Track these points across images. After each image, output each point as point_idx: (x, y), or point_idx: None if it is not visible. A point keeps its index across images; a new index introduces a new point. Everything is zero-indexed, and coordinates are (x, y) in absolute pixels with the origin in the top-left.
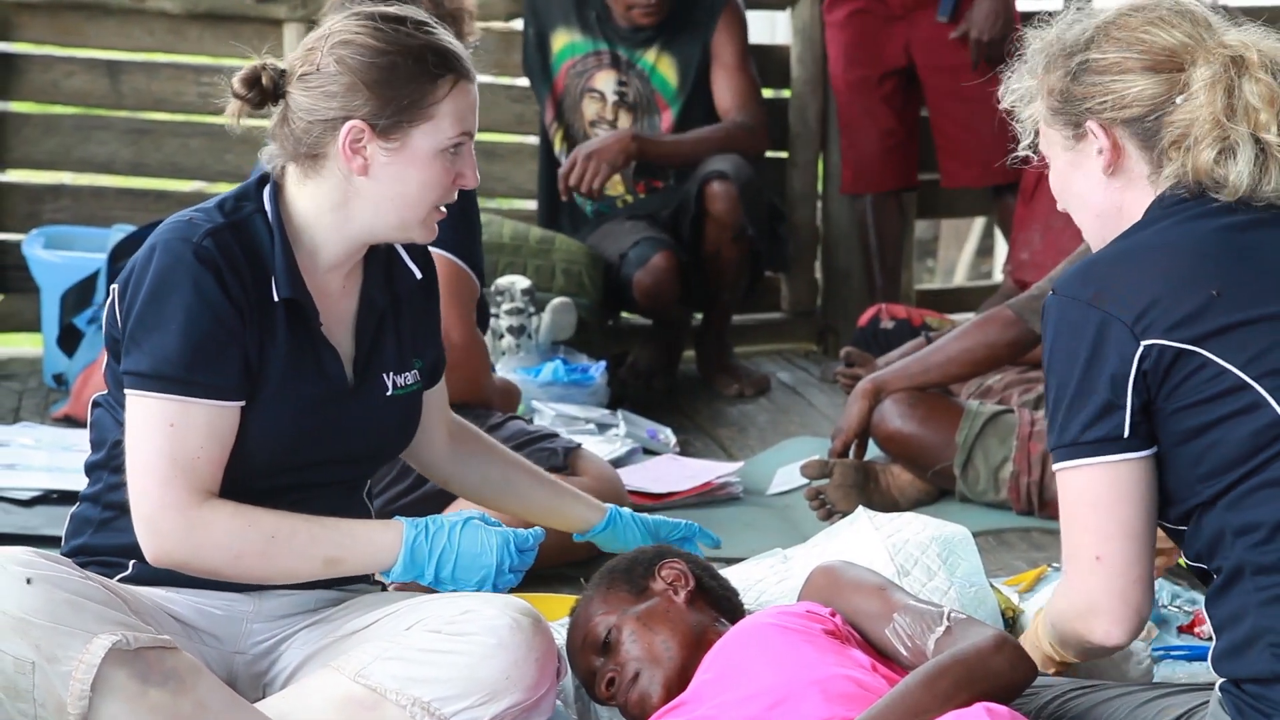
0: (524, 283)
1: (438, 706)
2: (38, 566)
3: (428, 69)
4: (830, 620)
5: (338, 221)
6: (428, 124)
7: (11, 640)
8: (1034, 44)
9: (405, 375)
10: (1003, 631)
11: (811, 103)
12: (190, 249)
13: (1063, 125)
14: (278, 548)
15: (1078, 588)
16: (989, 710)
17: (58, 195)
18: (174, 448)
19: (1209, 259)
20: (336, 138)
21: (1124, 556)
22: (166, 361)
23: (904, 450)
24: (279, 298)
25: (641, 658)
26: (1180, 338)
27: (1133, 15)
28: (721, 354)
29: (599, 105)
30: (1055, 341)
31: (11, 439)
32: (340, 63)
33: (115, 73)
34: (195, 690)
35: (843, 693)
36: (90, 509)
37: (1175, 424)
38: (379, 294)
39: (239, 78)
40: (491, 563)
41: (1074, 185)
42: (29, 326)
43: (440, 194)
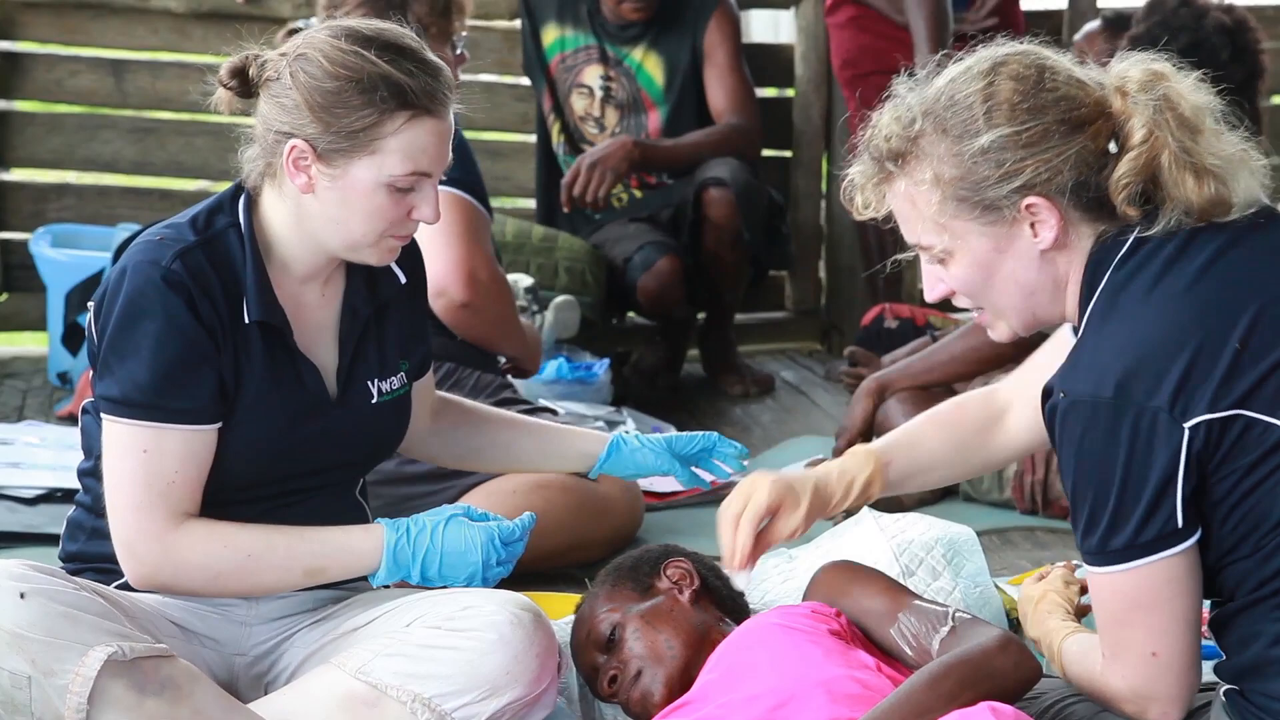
0: (527, 281)
1: (439, 702)
2: (32, 580)
3: (375, 101)
4: (835, 620)
5: (299, 236)
6: (370, 157)
7: (7, 655)
8: (881, 142)
9: (391, 380)
10: (1008, 632)
11: (815, 101)
12: (159, 272)
13: (980, 212)
14: (256, 565)
15: (1129, 679)
16: (994, 710)
17: (62, 194)
18: (148, 473)
19: (1214, 304)
20: (282, 151)
21: (1180, 648)
22: (137, 388)
23: None
24: (249, 320)
25: (644, 656)
26: (1223, 406)
27: (1010, 81)
28: (725, 353)
29: (587, 100)
30: (1083, 450)
31: (16, 437)
32: (294, 77)
33: (120, 72)
34: (192, 697)
35: (847, 693)
36: (84, 516)
37: (1225, 492)
38: (362, 303)
39: (226, 66)
40: (477, 560)
41: (1002, 269)
42: (34, 325)
43: (387, 226)
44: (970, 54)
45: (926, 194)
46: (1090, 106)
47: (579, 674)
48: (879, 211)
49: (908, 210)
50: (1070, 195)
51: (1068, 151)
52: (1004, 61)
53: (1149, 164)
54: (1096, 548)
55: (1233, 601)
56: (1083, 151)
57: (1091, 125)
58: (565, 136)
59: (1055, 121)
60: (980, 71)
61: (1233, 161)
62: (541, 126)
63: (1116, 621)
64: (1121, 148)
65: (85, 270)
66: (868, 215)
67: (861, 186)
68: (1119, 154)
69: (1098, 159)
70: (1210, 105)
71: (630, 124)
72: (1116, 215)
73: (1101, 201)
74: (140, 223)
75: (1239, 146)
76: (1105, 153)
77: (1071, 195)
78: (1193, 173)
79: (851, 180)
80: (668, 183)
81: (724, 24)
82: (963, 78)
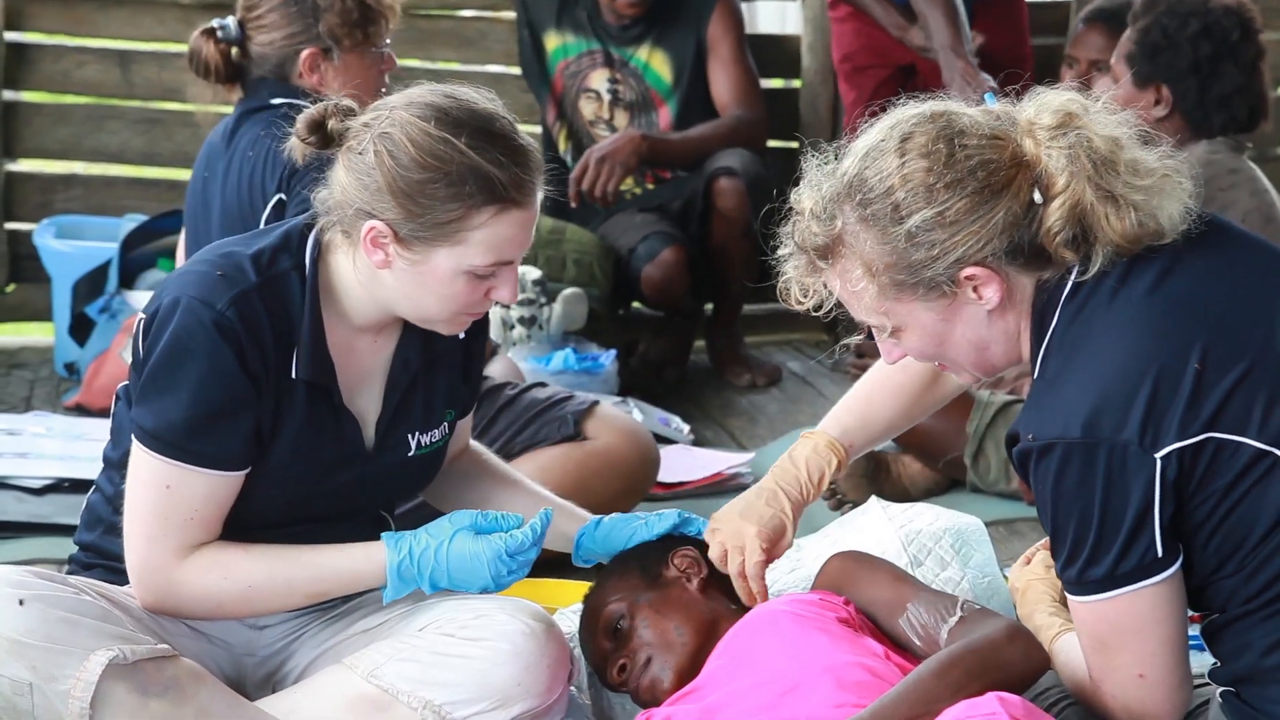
0: (535, 273)
1: (449, 710)
2: (30, 586)
3: (463, 195)
4: (844, 609)
5: (368, 295)
6: (454, 248)
7: (7, 663)
8: (807, 237)
9: (432, 433)
10: (1016, 623)
11: (822, 92)
12: (212, 316)
13: (922, 291)
14: (257, 594)
15: (1119, 700)
16: (1001, 699)
17: (69, 185)
18: (167, 508)
19: (1167, 328)
20: (361, 227)
21: (1168, 668)
22: (171, 427)
23: (915, 440)
24: (296, 376)
25: (654, 644)
26: (1192, 432)
27: (921, 160)
28: (732, 344)
29: (595, 105)
30: (1059, 491)
31: (23, 428)
32: (378, 158)
33: (126, 62)
34: (197, 697)
35: (855, 680)
36: (103, 507)
37: (1205, 516)
38: (415, 355)
39: (304, 120)
40: (487, 576)
41: (953, 335)
42: (41, 316)
43: (463, 307)
44: (876, 122)
45: (862, 285)
46: (1007, 165)
47: (587, 663)
48: (820, 299)
49: (848, 298)
50: (1006, 256)
51: (994, 217)
52: (910, 135)
53: (1075, 209)
54: (1076, 578)
55: (1222, 614)
56: (1009, 213)
57: (1012, 184)
58: (572, 144)
59: (974, 192)
60: (890, 149)
61: (1155, 186)
62: (545, 133)
63: (1101, 646)
64: (1045, 197)
65: (91, 261)
66: (810, 304)
67: (798, 280)
68: (1045, 203)
69: (1025, 214)
70: (1124, 132)
71: (641, 123)
72: (1054, 261)
73: (1039, 250)
74: (147, 214)
75: (1161, 166)
76: (1031, 204)
77: (1008, 255)
78: (1114, 209)
79: (787, 276)
80: (681, 175)
81: (726, 16)
82: (872, 156)
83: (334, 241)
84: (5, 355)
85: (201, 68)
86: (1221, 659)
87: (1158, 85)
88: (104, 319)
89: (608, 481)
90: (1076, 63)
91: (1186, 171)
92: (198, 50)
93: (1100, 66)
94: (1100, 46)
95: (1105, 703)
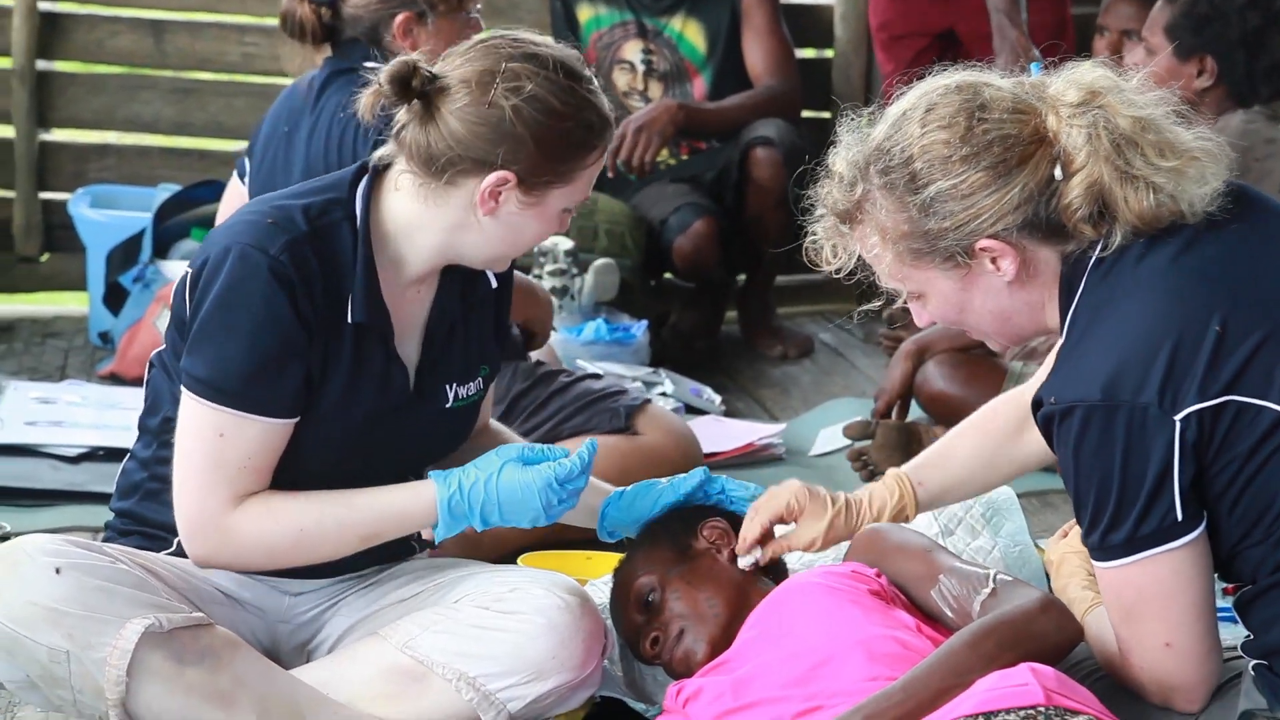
0: (567, 244)
1: (484, 683)
2: (67, 555)
3: (590, 138)
4: (876, 581)
5: (434, 242)
6: (567, 187)
7: (44, 631)
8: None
9: (469, 385)
10: (1049, 594)
11: (855, 62)
12: (266, 262)
13: (939, 260)
14: (309, 538)
15: (1148, 670)
16: (1034, 670)
17: (103, 155)
18: (221, 457)
19: (1189, 293)
20: (479, 178)
21: (1194, 636)
22: (225, 375)
23: (947, 411)
24: (352, 321)
25: (686, 616)
26: (1211, 394)
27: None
28: (764, 315)
29: (630, 76)
30: (1080, 454)
31: (58, 396)
32: (515, 111)
33: (160, 32)
34: (232, 665)
35: (887, 653)
36: (139, 473)
37: (1227, 482)
38: (452, 304)
39: (389, 74)
40: (538, 505)
41: (973, 304)
42: (75, 285)
43: (541, 240)
44: (908, 91)
45: (881, 250)
46: (1027, 140)
47: (619, 635)
48: (847, 264)
49: (872, 262)
50: (1022, 230)
51: (1010, 192)
52: (934, 105)
53: (1094, 186)
54: (1099, 544)
55: (1253, 585)
56: (1025, 188)
57: (1031, 159)
58: None
59: (991, 166)
60: (914, 119)
61: (1180, 168)
62: None
63: (1127, 616)
64: (1066, 173)
65: (125, 230)
66: (837, 266)
67: (827, 241)
68: (1065, 179)
69: (1043, 189)
70: (1154, 112)
71: (675, 94)
72: (1074, 236)
73: (1058, 226)
74: (181, 183)
75: (1193, 147)
76: (1051, 180)
77: (1024, 230)
78: (1133, 189)
79: (816, 237)
80: (715, 146)
81: None
82: (898, 125)
83: (396, 186)
84: (40, 324)
85: (295, 28)
86: (1253, 631)
87: (1202, 57)
88: (138, 288)
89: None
90: (1107, 31)
91: (1222, 152)
92: (291, 11)
93: (1131, 35)
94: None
95: (1134, 674)
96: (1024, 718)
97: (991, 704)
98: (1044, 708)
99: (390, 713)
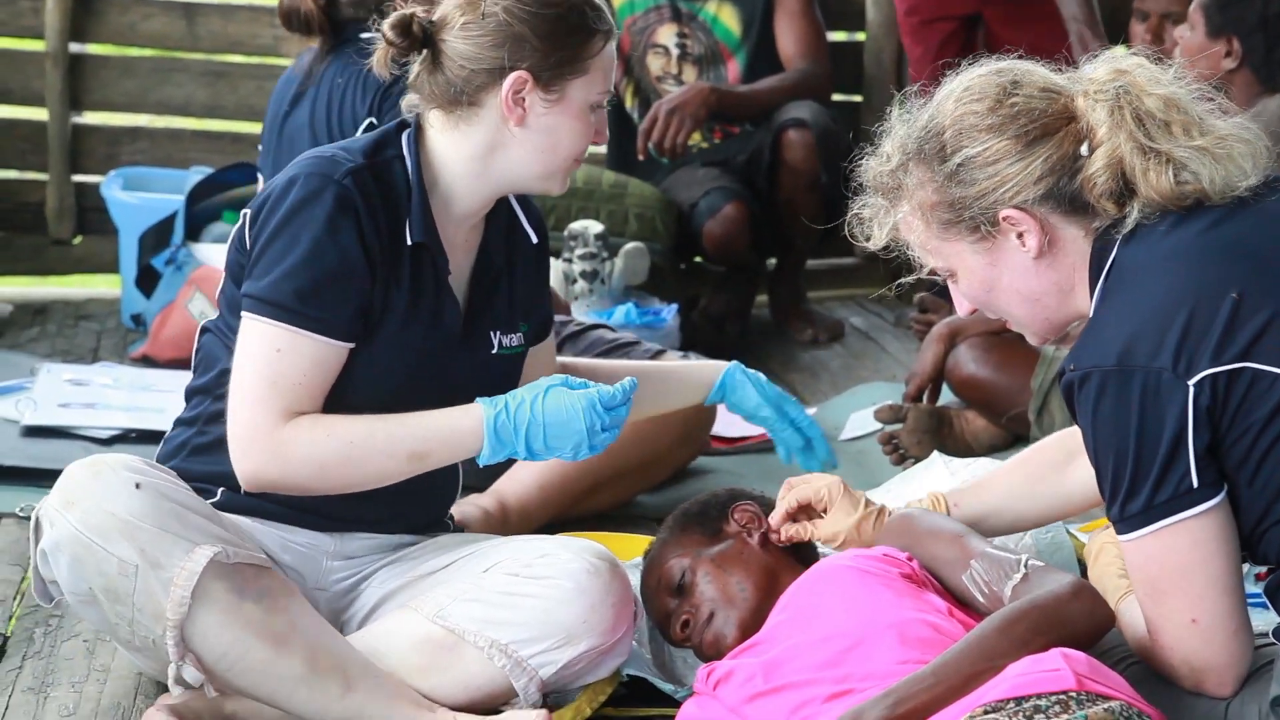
0: (597, 227)
1: (515, 649)
2: (147, 474)
3: (588, 23)
4: (907, 564)
5: (479, 169)
6: (584, 77)
7: (118, 542)
8: (873, 178)
9: (512, 336)
10: (1081, 579)
11: (886, 45)
12: (332, 186)
13: (966, 232)
14: (359, 452)
15: (1177, 651)
16: (1065, 655)
17: (135, 137)
18: (276, 372)
19: (1210, 264)
20: (498, 87)
21: (1220, 612)
22: (285, 291)
23: (978, 395)
24: (411, 241)
25: (717, 599)
26: (1226, 359)
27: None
28: (795, 299)
29: (663, 60)
30: (1098, 420)
31: (90, 378)
32: (508, 13)
33: (192, 15)
34: (289, 610)
35: (919, 636)
36: (185, 432)
37: (1245, 451)
38: (497, 252)
39: (390, 24)
40: (581, 428)
41: (1001, 282)
42: (107, 267)
43: (583, 146)
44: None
45: (915, 222)
46: (1054, 115)
47: (649, 618)
48: (884, 240)
49: (908, 238)
50: (1045, 202)
51: (1034, 162)
52: (970, 85)
53: (1116, 159)
54: (1119, 515)
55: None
56: (1048, 160)
57: (1056, 134)
58: (639, 100)
59: (1016, 136)
60: (952, 96)
61: (1208, 147)
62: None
63: (1152, 591)
64: (1091, 148)
65: (157, 213)
66: (879, 244)
67: (871, 220)
68: (1090, 154)
69: (1067, 164)
70: (1183, 93)
71: (709, 77)
72: (1097, 213)
73: (1083, 203)
74: (213, 166)
75: (1228, 131)
76: (1076, 156)
77: (1047, 202)
78: (1155, 165)
79: (859, 215)
80: (748, 130)
81: None
82: (939, 105)
83: (430, 130)
84: (72, 306)
85: (302, 24)
86: None
87: (1229, 37)
88: (170, 271)
89: (666, 427)
90: (1147, 16)
91: (1261, 143)
92: (295, 7)
93: (1172, 18)
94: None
95: (1164, 656)
96: (1055, 702)
97: (1023, 689)
98: (1076, 693)
99: (425, 684)
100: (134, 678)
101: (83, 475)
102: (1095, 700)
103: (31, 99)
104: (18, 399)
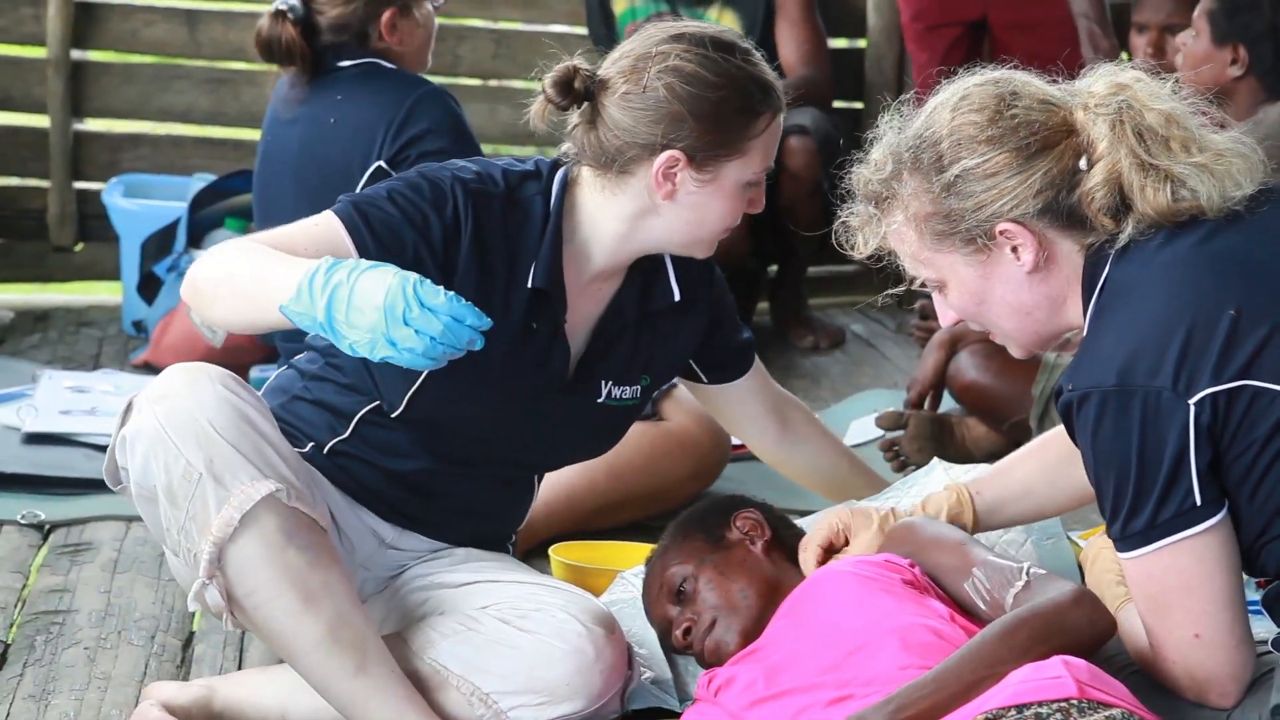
0: None
1: (496, 699)
2: (242, 397)
3: (753, 105)
4: (909, 570)
5: (625, 231)
6: (741, 159)
7: (192, 446)
8: (863, 185)
9: (625, 389)
10: (1082, 587)
11: (888, 52)
12: (461, 183)
13: (960, 244)
14: (228, 260)
15: (1180, 664)
16: (1066, 663)
17: (137, 144)
18: (291, 230)
19: (1205, 279)
20: (650, 162)
21: (1223, 626)
22: (361, 197)
23: (979, 402)
24: (532, 285)
25: (718, 606)
26: (1226, 378)
27: (970, 114)
28: (796, 306)
29: None
30: (1098, 440)
31: (92, 385)
32: (670, 90)
33: (193, 22)
34: (329, 571)
35: (921, 642)
36: (297, 382)
37: (1245, 468)
38: (630, 308)
39: (552, 80)
40: (380, 304)
41: (993, 295)
42: (109, 274)
43: (732, 223)
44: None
45: (907, 232)
46: (1054, 129)
47: (651, 625)
48: (873, 248)
49: (898, 247)
50: (1042, 216)
51: (1032, 176)
52: (967, 94)
53: (1114, 174)
54: (1120, 534)
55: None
56: (1048, 174)
57: (1056, 147)
58: None
59: (1015, 149)
60: (949, 105)
61: (1206, 163)
62: None
63: (1155, 607)
64: (1090, 163)
65: (159, 220)
66: (868, 254)
67: (859, 228)
68: (1089, 169)
69: (1066, 178)
70: (1183, 109)
71: None
72: (1094, 228)
73: (1081, 217)
74: (215, 173)
75: (1225, 147)
76: (1075, 170)
77: (1044, 216)
78: (1153, 181)
79: (846, 223)
80: None
81: None
82: (934, 114)
83: (581, 180)
84: (74, 313)
85: (282, 54)
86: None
87: (1235, 45)
88: (172, 278)
89: (678, 462)
90: (1147, 29)
91: (1256, 156)
92: (277, 36)
93: (1173, 29)
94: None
95: (1168, 669)
96: (1057, 710)
97: (1024, 696)
98: (1077, 700)
99: None
100: (135, 685)
101: (181, 378)
102: (1097, 708)
103: (33, 106)
104: (19, 406)
